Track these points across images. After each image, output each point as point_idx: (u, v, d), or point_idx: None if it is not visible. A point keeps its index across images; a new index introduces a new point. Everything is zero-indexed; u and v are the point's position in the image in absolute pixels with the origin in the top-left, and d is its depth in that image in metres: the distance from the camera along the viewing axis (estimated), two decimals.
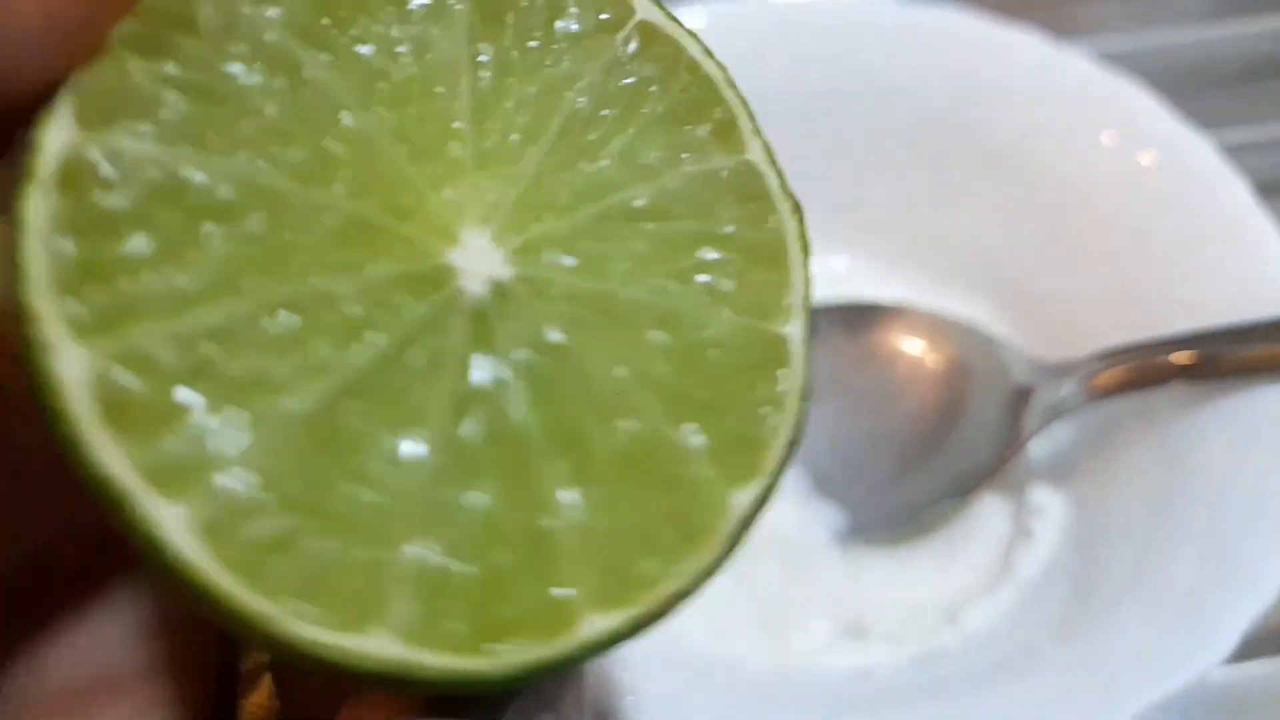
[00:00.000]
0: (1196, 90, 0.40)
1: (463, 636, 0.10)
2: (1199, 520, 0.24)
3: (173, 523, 0.09)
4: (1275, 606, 0.28)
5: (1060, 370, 0.27)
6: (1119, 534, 0.25)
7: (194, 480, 0.09)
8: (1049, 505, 0.28)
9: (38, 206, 0.09)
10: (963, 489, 0.27)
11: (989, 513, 0.28)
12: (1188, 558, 0.23)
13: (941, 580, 0.28)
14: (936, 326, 0.29)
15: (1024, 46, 0.29)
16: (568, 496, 0.11)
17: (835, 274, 0.32)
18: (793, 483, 0.29)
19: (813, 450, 0.29)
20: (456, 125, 0.11)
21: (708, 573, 0.11)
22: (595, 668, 0.22)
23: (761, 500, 0.11)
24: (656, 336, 0.11)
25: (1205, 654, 0.21)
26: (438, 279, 0.10)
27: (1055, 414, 0.27)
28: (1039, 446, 0.29)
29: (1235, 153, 0.38)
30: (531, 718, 0.11)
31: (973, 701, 0.22)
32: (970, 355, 0.29)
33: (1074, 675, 0.21)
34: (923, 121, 0.30)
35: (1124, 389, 0.26)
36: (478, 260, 0.11)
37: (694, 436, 0.11)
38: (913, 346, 0.29)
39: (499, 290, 0.11)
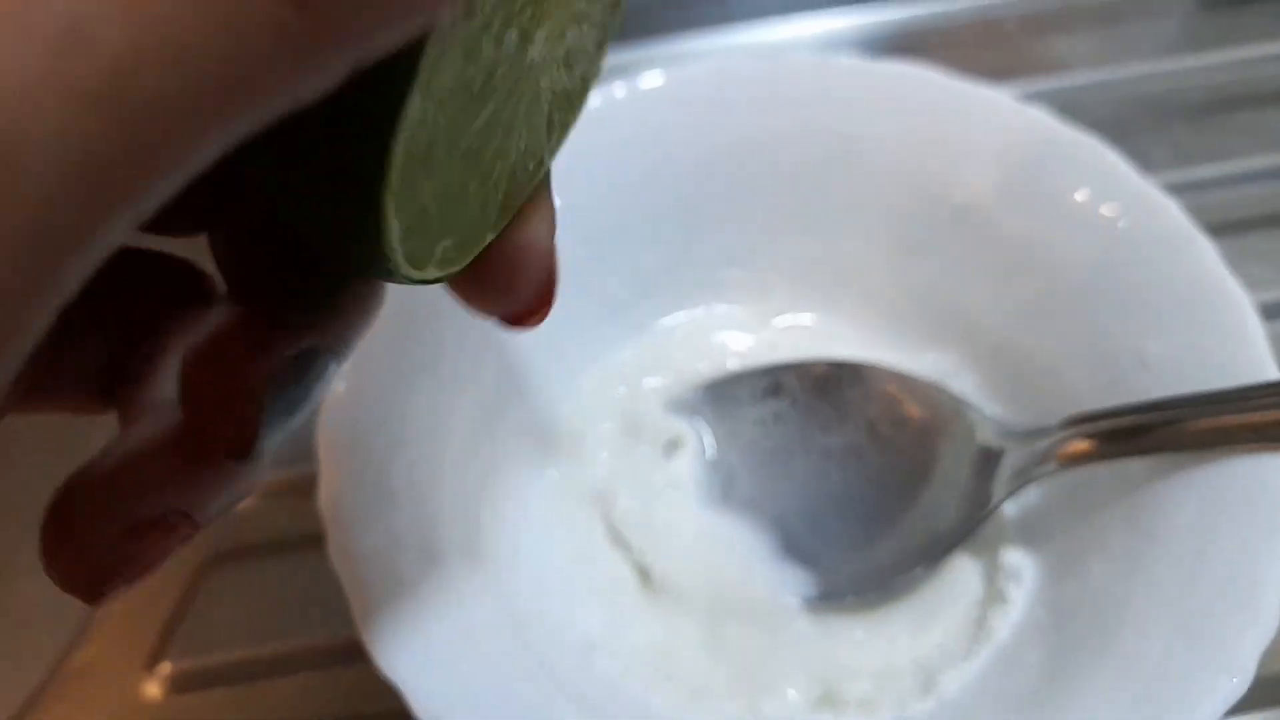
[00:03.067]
0: (1163, 122, 0.40)
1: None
2: (1171, 593, 0.23)
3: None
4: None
5: (1029, 435, 0.26)
6: (1091, 601, 0.25)
7: None
8: (1022, 568, 0.28)
9: None
10: (933, 554, 0.27)
11: (962, 575, 0.28)
12: (1159, 634, 0.23)
13: (915, 645, 0.27)
14: (904, 386, 0.29)
15: (989, 103, 0.28)
16: None
17: (804, 331, 0.32)
18: (763, 546, 0.29)
19: (782, 512, 0.29)
20: None
21: None
22: None
23: None
24: None
25: None
26: None
27: (1025, 480, 0.26)
28: (1011, 506, 0.29)
29: (1200, 187, 0.39)
30: None
31: None
32: (938, 417, 0.28)
33: None
34: (888, 177, 0.29)
35: (1095, 458, 0.25)
36: None
37: None
38: (881, 407, 0.29)
39: None
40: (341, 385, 0.26)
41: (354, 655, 0.30)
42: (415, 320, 0.27)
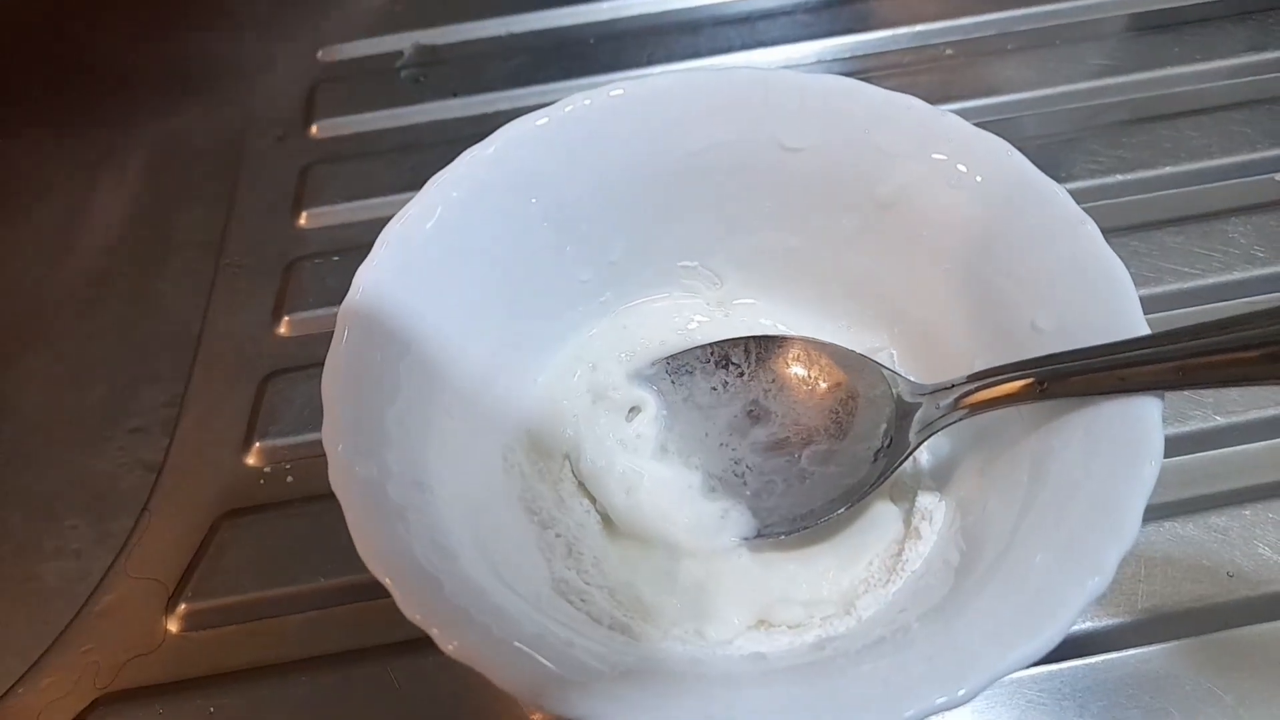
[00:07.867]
0: (1085, 138, 0.45)
1: None
2: (1051, 520, 0.27)
3: None
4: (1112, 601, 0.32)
5: (940, 390, 0.30)
6: (991, 532, 0.29)
7: None
8: (934, 509, 0.32)
9: None
10: (856, 496, 0.31)
11: (883, 516, 0.32)
12: (1040, 550, 0.26)
13: (841, 578, 0.31)
14: (833, 355, 0.33)
15: (909, 110, 0.32)
16: None
17: (752, 313, 0.36)
18: (710, 493, 0.32)
19: (727, 464, 0.33)
20: None
21: None
22: None
23: None
24: None
25: (1045, 636, 0.24)
26: None
27: (935, 429, 0.30)
28: (929, 456, 0.33)
29: (1114, 192, 0.43)
30: None
31: (848, 675, 0.25)
32: (862, 380, 0.32)
33: (935, 651, 0.25)
34: (823, 177, 0.33)
35: (993, 405, 0.29)
36: None
37: None
38: (812, 372, 0.33)
39: None
40: (343, 346, 0.29)
41: (348, 597, 0.34)
42: (410, 298, 0.31)
